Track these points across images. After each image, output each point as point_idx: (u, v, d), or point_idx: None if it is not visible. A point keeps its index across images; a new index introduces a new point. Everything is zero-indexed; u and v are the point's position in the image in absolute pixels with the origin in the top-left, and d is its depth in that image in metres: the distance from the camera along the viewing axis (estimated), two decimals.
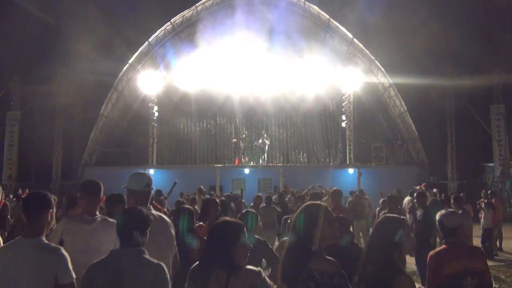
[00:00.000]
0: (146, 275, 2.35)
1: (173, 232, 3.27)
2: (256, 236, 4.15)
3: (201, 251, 2.67)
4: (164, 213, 5.53)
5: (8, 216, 7.87)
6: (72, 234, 3.12)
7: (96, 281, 2.33)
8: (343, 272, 2.25)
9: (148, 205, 3.28)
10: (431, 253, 3.21)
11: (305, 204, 2.53)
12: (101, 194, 3.45)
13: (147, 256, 2.43)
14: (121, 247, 2.43)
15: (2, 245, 3.20)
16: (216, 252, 2.29)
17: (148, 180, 3.29)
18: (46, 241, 2.60)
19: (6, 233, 7.76)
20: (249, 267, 2.29)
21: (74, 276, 2.56)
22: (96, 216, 3.31)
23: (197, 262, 2.40)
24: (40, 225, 2.61)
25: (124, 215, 2.54)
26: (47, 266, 2.47)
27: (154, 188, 3.44)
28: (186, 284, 2.38)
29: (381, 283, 2.44)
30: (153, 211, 3.26)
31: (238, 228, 2.37)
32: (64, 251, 2.58)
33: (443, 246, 3.24)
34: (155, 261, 2.42)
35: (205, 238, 3.99)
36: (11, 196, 11.93)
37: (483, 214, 10.72)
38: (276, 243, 9.04)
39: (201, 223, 4.80)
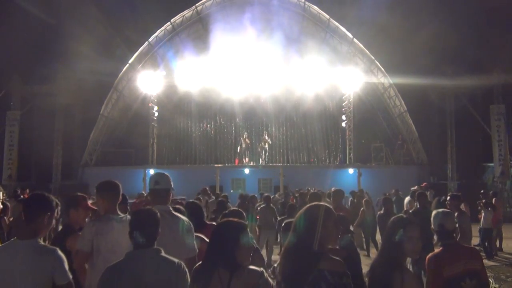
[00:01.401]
0: (168, 274, 2.35)
1: (184, 234, 3.14)
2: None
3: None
4: None
5: (5, 217, 7.90)
6: (105, 234, 3.14)
7: (115, 283, 2.30)
8: (348, 272, 2.29)
9: (166, 203, 3.26)
10: (430, 255, 3.21)
11: (311, 204, 2.52)
12: (121, 192, 3.48)
13: (165, 255, 2.43)
14: (136, 248, 2.41)
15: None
16: (219, 251, 2.30)
17: (157, 178, 3.32)
18: (42, 243, 2.60)
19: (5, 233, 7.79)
20: (251, 267, 2.30)
21: (71, 276, 2.57)
22: (121, 215, 3.37)
23: (200, 262, 2.41)
24: (37, 226, 2.60)
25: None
26: (43, 267, 2.47)
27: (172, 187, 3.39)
28: (189, 283, 2.40)
29: (380, 279, 2.50)
30: (174, 212, 3.27)
31: (241, 228, 2.38)
32: (60, 252, 2.57)
33: (441, 248, 3.23)
34: (175, 259, 2.43)
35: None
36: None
37: (482, 214, 10.71)
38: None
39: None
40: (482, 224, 10.59)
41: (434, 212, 3.40)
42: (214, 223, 4.16)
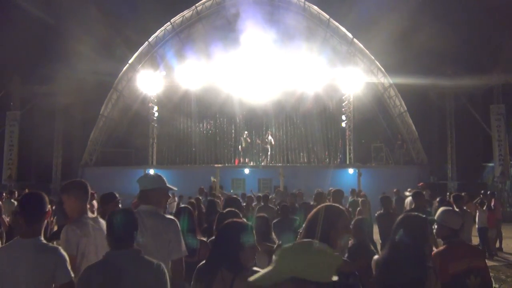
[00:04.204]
0: (148, 275, 2.35)
1: (171, 236, 3.11)
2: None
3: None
4: None
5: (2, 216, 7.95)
6: (88, 236, 3.11)
7: (94, 283, 2.30)
8: (356, 273, 2.29)
9: (151, 204, 3.21)
10: (434, 252, 3.23)
11: (325, 205, 2.51)
12: (90, 192, 3.41)
13: (144, 256, 2.42)
14: (115, 249, 2.40)
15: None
16: (223, 252, 2.31)
17: (138, 180, 3.30)
18: (44, 241, 2.61)
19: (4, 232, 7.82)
20: (255, 268, 2.30)
21: (73, 275, 2.56)
22: (93, 216, 3.33)
23: (204, 261, 2.42)
24: (40, 225, 2.62)
25: (112, 216, 2.51)
26: (45, 266, 2.48)
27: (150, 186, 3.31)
28: (192, 283, 2.41)
29: (410, 277, 2.50)
30: (157, 212, 3.23)
31: (245, 229, 2.38)
32: (62, 251, 2.59)
33: (445, 246, 3.24)
34: (155, 261, 2.42)
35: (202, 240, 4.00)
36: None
37: (477, 214, 10.68)
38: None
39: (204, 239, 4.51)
40: (478, 223, 10.57)
41: (451, 211, 3.38)
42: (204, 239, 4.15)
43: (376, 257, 2.77)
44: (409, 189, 12.41)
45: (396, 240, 2.66)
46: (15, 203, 9.13)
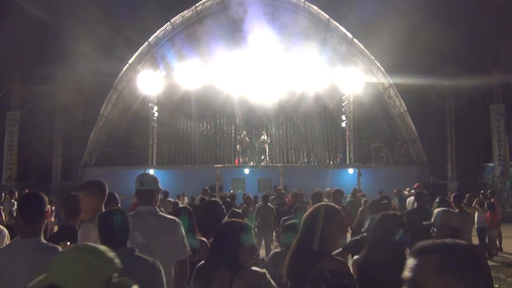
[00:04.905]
0: (143, 273, 2.34)
1: (178, 236, 3.09)
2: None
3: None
4: None
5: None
6: None
7: None
8: (352, 273, 2.27)
9: (152, 204, 3.19)
10: None
11: (320, 205, 2.51)
12: (107, 192, 3.42)
13: (138, 254, 2.43)
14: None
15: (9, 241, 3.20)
16: (222, 252, 2.30)
17: (141, 178, 3.26)
18: (44, 241, 2.61)
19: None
20: (254, 268, 2.30)
21: None
22: None
23: (203, 261, 2.42)
24: (40, 225, 2.61)
25: (102, 217, 2.53)
26: (43, 265, 2.47)
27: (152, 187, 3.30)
28: (191, 283, 2.41)
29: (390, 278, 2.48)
30: (160, 213, 3.24)
31: (244, 229, 2.38)
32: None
33: None
34: (149, 258, 2.42)
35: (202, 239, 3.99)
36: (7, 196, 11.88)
37: (476, 214, 10.67)
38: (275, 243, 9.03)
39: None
40: (477, 223, 10.56)
41: (447, 210, 3.39)
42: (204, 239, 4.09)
43: (356, 257, 2.74)
44: (407, 189, 12.40)
45: (375, 239, 2.65)
46: (15, 203, 9.13)
